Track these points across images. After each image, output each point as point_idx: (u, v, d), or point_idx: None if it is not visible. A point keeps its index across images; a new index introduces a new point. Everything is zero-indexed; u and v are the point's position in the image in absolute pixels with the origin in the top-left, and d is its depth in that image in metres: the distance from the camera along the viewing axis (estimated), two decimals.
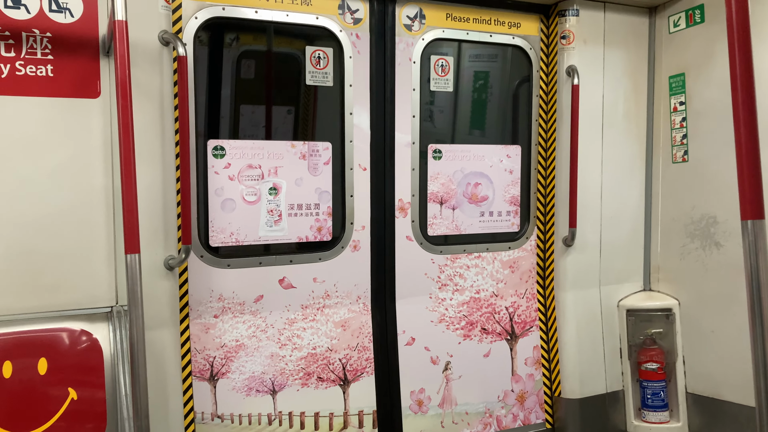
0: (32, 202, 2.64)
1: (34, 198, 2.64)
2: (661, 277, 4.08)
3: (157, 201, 2.88)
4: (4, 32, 2.56)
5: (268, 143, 3.36)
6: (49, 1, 2.63)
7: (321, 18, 3.44)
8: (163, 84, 2.88)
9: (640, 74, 4.07)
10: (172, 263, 2.93)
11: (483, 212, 3.92)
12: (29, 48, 2.60)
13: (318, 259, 3.47)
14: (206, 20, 3.18)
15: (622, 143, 4.02)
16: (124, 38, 2.29)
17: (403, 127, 3.66)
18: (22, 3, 2.58)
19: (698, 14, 3.75)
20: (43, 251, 2.67)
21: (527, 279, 4.03)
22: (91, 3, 2.71)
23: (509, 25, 3.90)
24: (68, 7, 2.66)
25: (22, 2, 2.59)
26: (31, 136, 2.63)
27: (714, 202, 3.67)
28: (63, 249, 2.71)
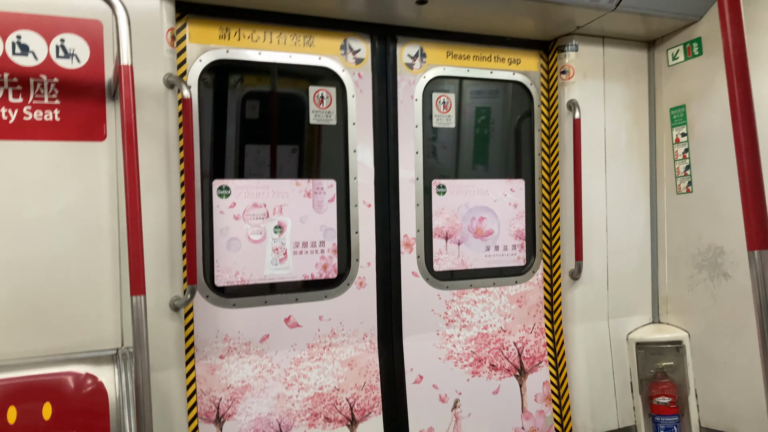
0: (39, 244, 2.65)
1: (41, 241, 2.65)
2: (670, 309, 4.04)
3: (163, 241, 2.88)
4: (12, 79, 2.61)
5: (272, 182, 3.38)
6: (57, 48, 2.68)
7: (323, 59, 3.49)
8: (168, 125, 2.91)
9: (641, 106, 4.09)
10: (177, 304, 2.92)
11: (489, 246, 3.91)
12: (36, 93, 2.64)
13: (324, 296, 3.46)
14: (210, 63, 3.23)
15: (625, 175, 4.03)
16: (130, 82, 2.33)
17: (406, 164, 3.68)
18: (30, 50, 2.63)
19: (696, 47, 3.79)
20: (49, 293, 2.67)
21: (535, 313, 4.00)
22: (97, 48, 2.75)
23: (509, 62, 3.95)
24: (75, 53, 2.71)
25: (30, 49, 2.63)
26: (38, 179, 2.65)
27: (720, 233, 3.65)
28: (69, 291, 2.70)
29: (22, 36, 2.62)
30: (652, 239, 4.10)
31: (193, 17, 3.20)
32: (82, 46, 2.72)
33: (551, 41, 4.03)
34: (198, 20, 3.21)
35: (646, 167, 4.10)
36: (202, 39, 3.22)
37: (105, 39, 2.77)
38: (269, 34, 3.37)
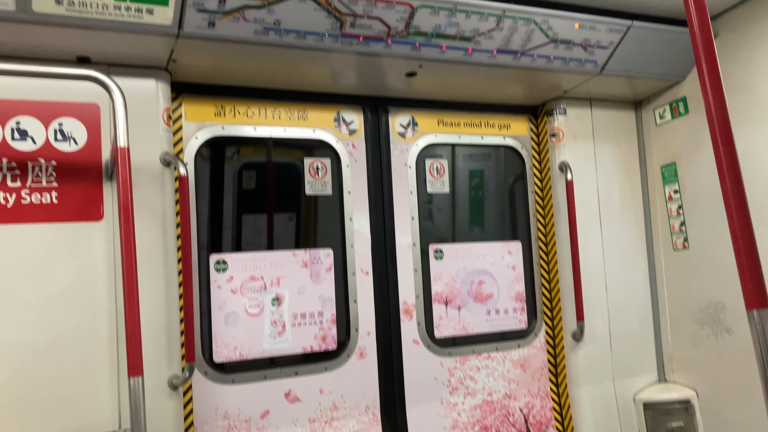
0: (36, 327, 2.62)
1: (38, 323, 2.63)
2: (675, 367, 3.98)
3: (161, 319, 2.86)
4: (11, 164, 2.65)
5: (269, 254, 3.38)
6: (55, 132, 2.73)
7: (318, 131, 3.56)
8: (165, 202, 2.93)
9: (632, 165, 4.15)
10: (176, 382, 2.87)
11: (489, 310, 3.89)
12: (35, 177, 2.68)
13: (324, 369, 3.40)
14: (206, 140, 3.29)
15: (621, 234, 4.05)
16: (127, 163, 2.36)
17: (403, 230, 3.70)
18: (29, 135, 2.68)
19: (682, 106, 3.88)
20: (46, 377, 2.62)
21: (539, 377, 3.93)
22: (94, 131, 2.81)
23: (499, 127, 4.03)
24: (73, 135, 2.76)
25: (29, 134, 2.69)
26: (35, 262, 2.65)
27: (719, 288, 3.64)
28: (66, 373, 2.66)
29: (21, 122, 2.67)
30: (652, 297, 4.08)
31: (189, 96, 3.28)
32: (79, 129, 2.78)
33: (539, 105, 4.12)
34: (193, 99, 3.29)
35: (641, 225, 4.12)
36: (197, 117, 3.29)
37: (102, 121, 2.83)
38: (264, 109, 3.45)
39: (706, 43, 1.66)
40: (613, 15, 3.36)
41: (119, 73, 2.86)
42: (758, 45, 3.36)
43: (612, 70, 3.59)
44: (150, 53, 2.84)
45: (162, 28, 2.62)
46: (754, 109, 3.37)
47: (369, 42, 2.99)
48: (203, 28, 2.68)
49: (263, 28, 2.76)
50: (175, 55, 2.89)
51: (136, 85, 2.92)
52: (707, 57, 1.65)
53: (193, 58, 2.96)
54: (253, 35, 2.78)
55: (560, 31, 3.27)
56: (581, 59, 3.46)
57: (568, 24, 3.25)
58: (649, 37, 3.48)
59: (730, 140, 1.62)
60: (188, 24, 2.64)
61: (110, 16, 2.49)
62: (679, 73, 3.82)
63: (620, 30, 3.38)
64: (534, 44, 3.28)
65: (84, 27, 2.50)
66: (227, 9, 2.64)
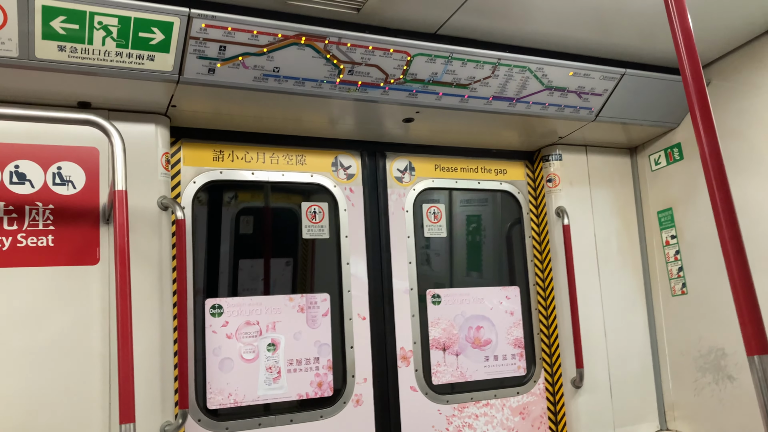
0: (28, 375, 2.58)
1: (30, 371, 2.59)
2: (677, 415, 3.92)
3: (154, 365, 2.82)
4: (8, 207, 2.65)
5: (265, 298, 3.36)
6: (53, 175, 2.74)
7: (315, 176, 3.58)
8: (161, 246, 2.93)
9: (628, 211, 4.16)
10: (168, 429, 2.81)
11: (488, 356, 3.84)
12: (31, 220, 2.68)
13: (319, 416, 3.34)
14: (204, 184, 3.31)
15: (619, 279, 4.03)
16: (124, 207, 2.36)
17: (400, 274, 3.68)
18: (27, 178, 2.70)
19: (677, 152, 3.92)
20: (36, 427, 2.57)
21: (539, 425, 3.86)
22: (93, 174, 2.82)
23: (496, 172, 4.06)
24: (71, 179, 2.77)
25: (27, 178, 2.70)
26: (29, 306, 2.62)
27: (720, 334, 3.61)
28: (57, 422, 2.60)
29: (20, 165, 2.69)
30: (651, 343, 4.04)
31: (188, 141, 3.31)
32: (78, 172, 2.79)
33: (536, 151, 4.16)
34: (192, 144, 3.32)
35: (639, 270, 4.11)
36: (196, 162, 3.31)
37: (101, 165, 2.85)
38: (262, 154, 3.47)
39: (698, 89, 1.68)
40: (607, 63, 3.42)
41: (119, 118, 2.90)
42: (750, 93, 3.41)
43: (606, 117, 3.64)
44: (150, 98, 2.88)
45: (163, 74, 2.66)
46: (748, 157, 3.40)
47: (367, 88, 3.03)
48: (203, 74, 2.72)
49: (262, 74, 2.81)
50: (175, 101, 2.93)
51: (135, 129, 2.95)
52: (700, 103, 1.67)
53: (192, 103, 3.00)
54: (252, 81, 2.82)
55: (555, 79, 3.32)
56: (576, 106, 3.51)
57: (563, 72, 3.31)
58: (643, 84, 3.54)
59: (726, 186, 1.62)
60: (188, 70, 2.68)
61: (112, 62, 2.53)
62: (673, 119, 3.87)
63: (614, 78, 3.44)
64: (529, 91, 3.33)
65: (86, 73, 2.54)
66: (227, 56, 2.69)
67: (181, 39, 2.56)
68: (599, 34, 3.19)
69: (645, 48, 3.38)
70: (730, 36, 3.36)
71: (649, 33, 3.20)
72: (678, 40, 1.73)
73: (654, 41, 3.30)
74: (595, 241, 4.00)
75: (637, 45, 3.34)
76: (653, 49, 3.40)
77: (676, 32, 1.73)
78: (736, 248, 1.58)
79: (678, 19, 1.74)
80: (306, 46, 2.76)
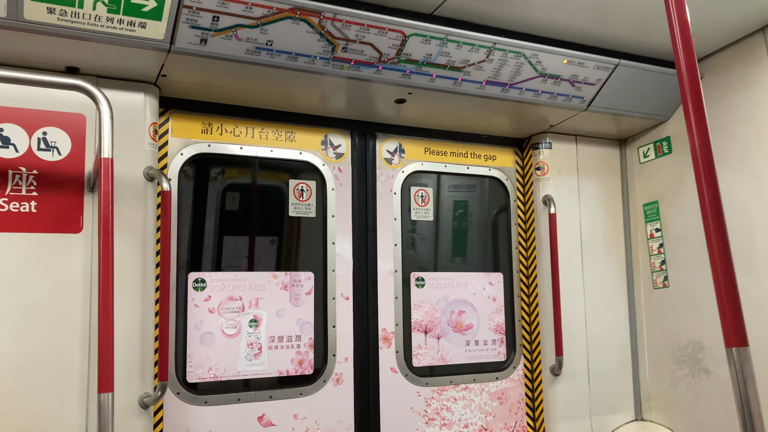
0: (6, 340, 2.56)
1: (9, 336, 2.56)
2: (652, 406, 3.97)
3: (135, 336, 2.80)
4: None
5: (249, 274, 3.35)
6: (38, 140, 2.70)
7: (304, 153, 3.56)
8: (146, 218, 2.90)
9: (614, 202, 4.18)
10: (147, 401, 2.81)
11: (468, 341, 3.86)
12: (14, 185, 2.64)
13: (299, 394, 3.35)
14: (192, 156, 3.27)
15: (602, 270, 4.06)
16: (110, 175, 2.33)
17: (385, 256, 3.69)
18: (12, 142, 2.65)
19: (666, 145, 3.93)
20: (14, 391, 2.55)
21: (516, 411, 3.90)
22: (79, 141, 2.78)
23: (485, 158, 4.06)
24: (56, 145, 2.73)
25: (12, 141, 2.65)
26: (9, 272, 2.59)
27: (699, 328, 3.65)
28: (34, 388, 2.59)
29: (5, 129, 2.64)
30: (631, 334, 4.08)
31: (177, 112, 3.27)
32: (63, 138, 2.75)
33: (526, 139, 4.16)
34: (181, 115, 3.28)
35: (623, 262, 4.14)
36: (184, 133, 3.27)
37: (87, 132, 2.81)
38: (251, 129, 3.44)
39: (692, 82, 1.68)
40: (602, 53, 3.41)
41: (108, 85, 2.85)
42: (741, 90, 3.42)
43: (598, 107, 3.64)
44: (140, 67, 2.83)
45: (154, 42, 2.62)
46: (735, 153, 3.42)
47: (360, 67, 3.00)
48: (195, 44, 2.68)
49: (255, 47, 2.77)
50: (165, 70, 2.89)
51: (124, 98, 2.91)
52: (693, 97, 1.67)
53: (183, 73, 2.96)
54: (244, 54, 2.78)
55: (549, 66, 3.31)
56: (568, 95, 3.50)
57: (557, 59, 3.30)
58: (636, 76, 3.54)
59: (714, 179, 1.63)
60: (180, 40, 2.64)
61: (102, 27, 2.48)
62: (664, 113, 3.88)
63: (608, 68, 3.44)
64: (523, 77, 3.32)
65: (75, 37, 2.49)
66: (220, 27, 2.65)
67: (174, 7, 2.52)
68: (595, 23, 3.18)
69: (640, 39, 3.38)
70: (725, 31, 3.36)
71: (645, 24, 3.20)
72: (675, 32, 1.72)
73: (649, 33, 3.30)
74: (581, 230, 4.02)
75: (632, 36, 3.34)
76: (648, 41, 3.40)
77: (673, 24, 1.73)
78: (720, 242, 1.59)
79: (676, 11, 1.73)
80: (300, 20, 2.72)
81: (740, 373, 1.55)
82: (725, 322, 1.57)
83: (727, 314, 1.57)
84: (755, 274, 3.25)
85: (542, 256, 3.93)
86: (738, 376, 1.56)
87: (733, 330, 1.55)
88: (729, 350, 1.57)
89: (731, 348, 1.56)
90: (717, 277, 1.58)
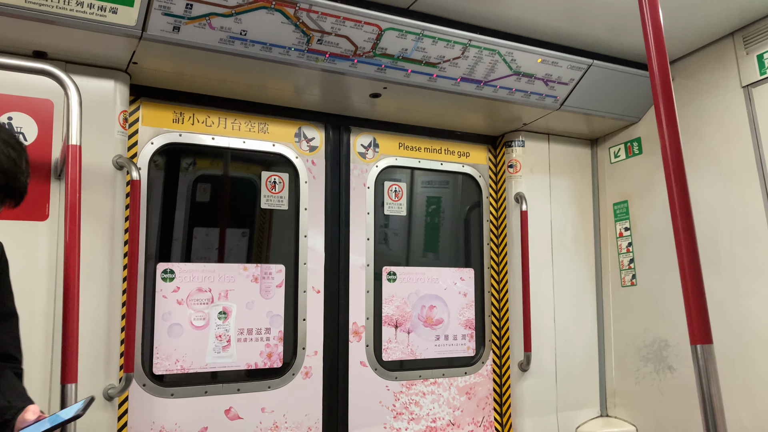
0: None
1: None
2: (617, 402, 4.03)
3: (101, 327, 2.75)
4: None
5: (219, 266, 3.31)
6: None
7: (278, 145, 3.53)
8: (115, 207, 2.85)
9: (585, 201, 4.23)
10: (111, 393, 2.76)
11: (438, 336, 3.88)
12: None
13: (267, 387, 3.33)
14: (162, 145, 3.22)
15: (572, 267, 4.11)
16: (77, 162, 2.29)
17: (357, 250, 3.68)
18: None
19: (636, 146, 3.99)
20: None
21: (484, 406, 3.93)
22: (46, 127, 2.72)
23: (459, 155, 4.07)
24: (22, 131, 2.67)
25: None
26: None
27: (664, 326, 3.71)
28: None
29: None
30: (598, 331, 4.14)
31: (148, 100, 3.21)
32: (30, 124, 2.69)
33: (499, 136, 4.18)
34: (152, 104, 3.23)
35: (592, 260, 4.20)
36: (155, 122, 3.22)
37: (55, 118, 2.74)
38: (224, 119, 3.40)
39: (664, 83, 1.70)
40: (576, 53, 3.45)
41: (77, 71, 2.79)
42: (709, 93, 3.48)
43: (571, 107, 3.67)
44: (110, 53, 2.78)
45: (125, 28, 2.57)
46: (703, 156, 3.48)
47: (335, 59, 2.99)
48: (167, 32, 2.63)
49: (229, 36, 2.74)
50: (137, 58, 2.84)
51: (93, 84, 2.85)
52: (665, 97, 1.69)
53: (154, 61, 2.91)
54: (218, 43, 2.75)
55: (523, 64, 3.33)
56: (542, 93, 3.53)
57: (532, 58, 3.32)
58: (609, 76, 3.58)
59: (684, 180, 1.65)
60: (152, 26, 2.59)
61: (72, 11, 2.43)
62: (635, 114, 3.93)
63: (581, 68, 3.47)
64: (497, 75, 3.34)
65: (43, 20, 2.43)
66: (194, 15, 2.61)
67: None
68: (570, 23, 3.21)
69: (613, 40, 3.42)
70: (695, 35, 3.42)
71: (618, 26, 3.23)
72: (648, 33, 1.74)
73: (622, 34, 3.34)
74: (551, 228, 4.06)
75: (605, 37, 3.37)
76: (621, 43, 3.44)
77: (646, 26, 1.75)
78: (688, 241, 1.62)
79: (650, 13, 1.75)
80: (276, 10, 2.69)
81: (704, 369, 1.58)
82: (691, 319, 1.59)
83: (693, 312, 1.59)
84: (719, 274, 3.32)
85: (513, 253, 3.96)
86: (702, 372, 1.58)
87: (699, 327, 1.58)
88: (694, 347, 1.60)
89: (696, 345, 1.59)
90: (684, 276, 1.60)
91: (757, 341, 3.16)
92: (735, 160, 3.33)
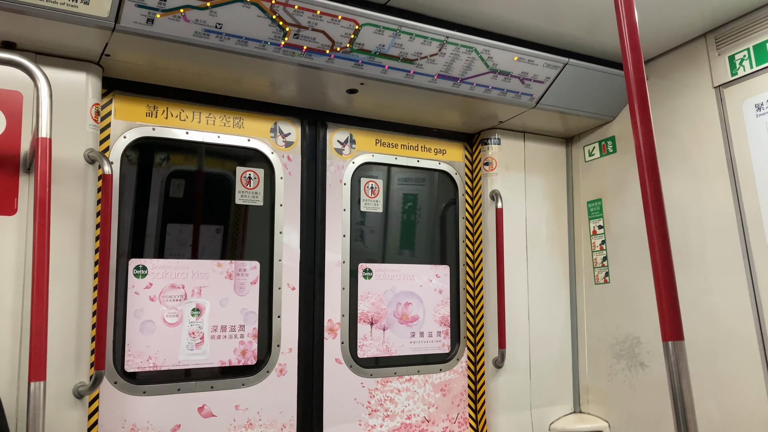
0: None
1: None
2: (590, 399, 4.08)
3: (71, 323, 2.70)
4: None
5: (192, 262, 3.27)
6: None
7: (253, 140, 3.49)
8: (86, 202, 2.80)
9: (560, 199, 4.27)
10: (82, 391, 2.71)
11: (414, 333, 3.88)
12: None
13: (241, 384, 3.30)
14: (135, 140, 3.18)
15: (546, 265, 4.14)
16: (47, 156, 2.24)
17: (333, 247, 3.66)
18: None
19: (610, 145, 4.03)
20: None
21: (459, 402, 3.95)
22: (15, 120, 2.66)
23: (435, 152, 4.08)
24: None
25: None
26: None
27: (636, 323, 3.76)
28: None
29: None
30: (572, 328, 4.18)
31: (120, 94, 3.16)
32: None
33: (475, 134, 4.19)
34: (125, 97, 3.18)
35: (566, 257, 4.23)
36: (128, 116, 3.17)
37: (24, 110, 2.69)
38: (198, 113, 3.36)
39: (639, 82, 1.72)
40: (552, 51, 3.47)
41: (47, 63, 2.74)
42: (682, 93, 3.53)
43: (546, 105, 3.70)
44: (82, 45, 2.72)
45: (97, 20, 2.52)
46: (675, 154, 3.53)
47: (312, 54, 2.97)
48: (141, 24, 2.59)
49: (204, 29, 2.70)
50: (109, 50, 2.79)
51: (64, 76, 2.79)
52: (639, 96, 1.71)
53: (127, 54, 2.86)
54: (192, 36, 2.71)
55: (500, 62, 3.34)
56: (518, 91, 3.55)
57: (508, 56, 3.33)
58: (584, 75, 3.61)
59: (657, 178, 1.67)
60: (125, 18, 2.55)
61: (41, 1, 2.37)
62: (610, 113, 3.97)
63: (557, 66, 3.49)
64: (474, 73, 3.34)
65: (11, 10, 2.37)
66: (168, 7, 2.57)
67: None
68: (546, 21, 3.22)
69: (589, 39, 3.44)
70: (669, 36, 3.45)
71: (594, 25, 3.26)
72: (623, 33, 1.76)
73: (598, 34, 3.36)
74: (526, 226, 4.09)
75: (581, 36, 3.40)
76: (596, 42, 3.47)
77: (622, 25, 1.77)
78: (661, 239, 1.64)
79: (625, 13, 1.77)
80: (252, 4, 2.67)
81: (675, 366, 1.60)
82: (663, 316, 1.61)
83: (665, 309, 1.61)
84: (690, 272, 3.37)
85: (488, 250, 3.97)
86: (673, 368, 1.60)
87: (670, 324, 1.60)
88: (666, 344, 1.62)
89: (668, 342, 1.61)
90: (657, 273, 1.62)
91: (726, 337, 3.21)
92: (706, 159, 3.38)
